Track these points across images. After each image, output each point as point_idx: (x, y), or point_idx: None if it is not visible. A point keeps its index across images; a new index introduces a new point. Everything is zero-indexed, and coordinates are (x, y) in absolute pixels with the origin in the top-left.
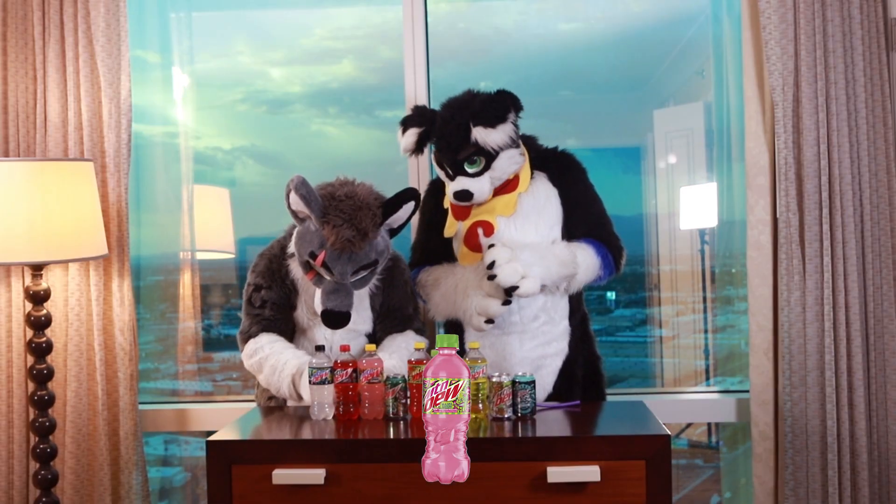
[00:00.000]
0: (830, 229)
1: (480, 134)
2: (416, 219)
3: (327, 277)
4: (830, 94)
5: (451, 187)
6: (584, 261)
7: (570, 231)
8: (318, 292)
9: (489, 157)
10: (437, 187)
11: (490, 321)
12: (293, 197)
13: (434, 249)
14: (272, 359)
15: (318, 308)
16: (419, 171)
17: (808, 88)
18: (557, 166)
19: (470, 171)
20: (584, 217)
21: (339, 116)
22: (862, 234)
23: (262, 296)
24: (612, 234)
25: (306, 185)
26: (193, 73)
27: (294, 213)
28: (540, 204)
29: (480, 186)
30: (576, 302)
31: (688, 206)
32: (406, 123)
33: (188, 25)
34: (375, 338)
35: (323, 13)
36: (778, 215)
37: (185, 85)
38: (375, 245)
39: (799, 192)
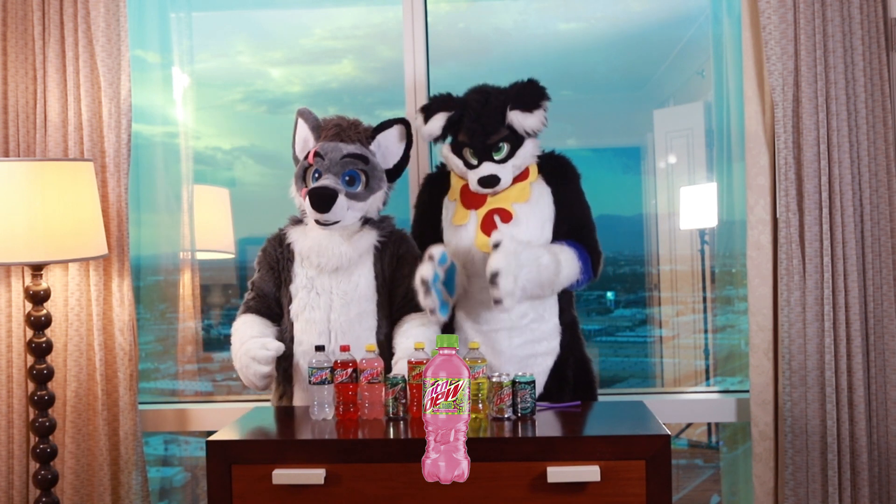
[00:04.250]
0: (830, 229)
1: (517, 118)
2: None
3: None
4: (830, 94)
5: (477, 173)
6: (567, 266)
7: (555, 229)
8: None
9: (514, 145)
10: (431, 182)
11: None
12: (301, 123)
13: (426, 244)
14: (234, 339)
15: (308, 207)
16: (419, 171)
17: (808, 88)
18: (553, 167)
19: (496, 157)
20: (568, 216)
21: None
22: (862, 234)
23: (252, 281)
24: (593, 238)
25: (308, 110)
26: (193, 73)
27: (297, 159)
28: (534, 200)
29: (506, 173)
30: (565, 302)
31: (688, 206)
32: (429, 109)
33: (188, 25)
34: (392, 319)
35: (323, 13)
36: (778, 215)
37: (185, 85)
38: (367, 150)
39: (799, 192)
